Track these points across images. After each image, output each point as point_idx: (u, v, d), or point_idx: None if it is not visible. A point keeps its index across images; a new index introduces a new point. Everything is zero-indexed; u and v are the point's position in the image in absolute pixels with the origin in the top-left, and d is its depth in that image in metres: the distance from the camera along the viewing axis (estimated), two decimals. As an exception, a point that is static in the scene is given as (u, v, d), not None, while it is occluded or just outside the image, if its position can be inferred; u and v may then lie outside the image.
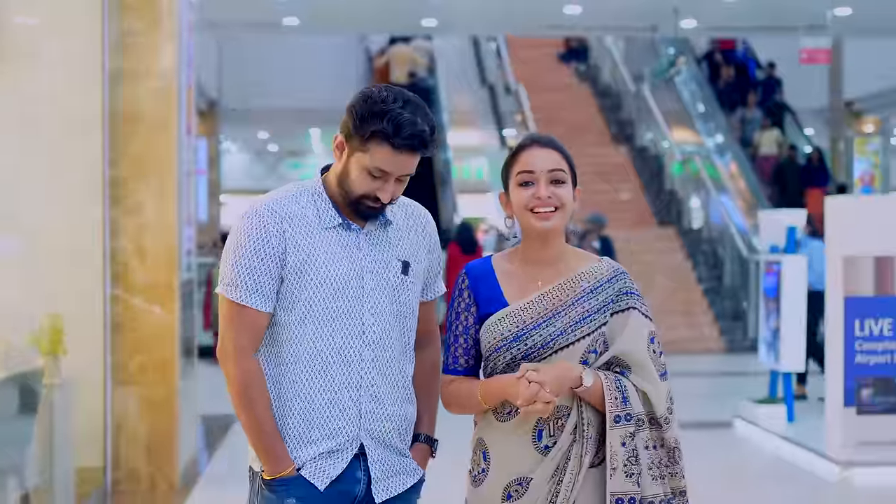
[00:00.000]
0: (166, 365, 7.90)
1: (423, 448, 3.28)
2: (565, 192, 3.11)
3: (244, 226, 3.08)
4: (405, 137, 3.00)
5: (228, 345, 3.09)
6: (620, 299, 3.13)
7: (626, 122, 23.35)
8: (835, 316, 8.50)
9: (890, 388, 8.39)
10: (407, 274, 3.17)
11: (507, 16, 16.73)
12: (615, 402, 3.03)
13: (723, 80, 23.08)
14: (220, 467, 8.86)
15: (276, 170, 35.80)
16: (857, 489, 8.22)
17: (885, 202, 9.23)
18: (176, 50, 8.00)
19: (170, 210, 7.92)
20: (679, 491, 3.12)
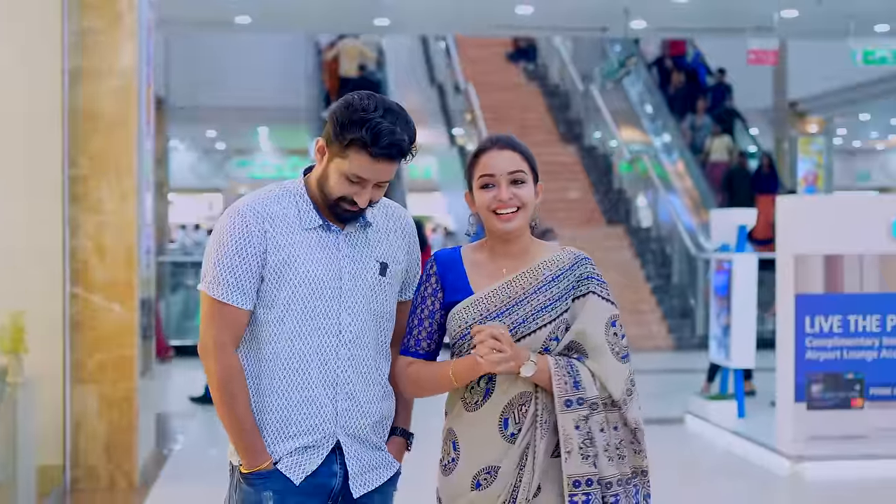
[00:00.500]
0: (126, 363, 7.91)
1: (399, 441, 3.37)
2: (526, 191, 3.21)
3: (227, 225, 3.16)
4: (383, 147, 3.07)
5: (209, 341, 3.16)
6: (581, 285, 3.24)
7: (574, 122, 23.51)
8: (785, 313, 8.66)
9: (839, 384, 8.56)
10: (385, 275, 3.25)
11: (459, 15, 16.81)
12: (564, 388, 3.12)
13: (673, 85, 23.14)
14: (179, 465, 8.87)
15: (224, 168, 35.68)
16: (807, 483, 8.38)
17: (834, 202, 9.41)
18: (136, 48, 8.01)
19: (129, 208, 7.93)
20: (641, 470, 3.22)
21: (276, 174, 35.49)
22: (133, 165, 7.95)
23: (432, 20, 17.45)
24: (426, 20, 17.47)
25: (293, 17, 16.92)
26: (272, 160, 35.64)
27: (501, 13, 16.31)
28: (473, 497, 3.18)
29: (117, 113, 7.93)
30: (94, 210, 7.87)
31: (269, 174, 35.50)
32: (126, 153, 7.95)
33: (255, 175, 35.46)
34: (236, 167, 35.67)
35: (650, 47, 24.00)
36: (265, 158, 35.68)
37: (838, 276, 8.58)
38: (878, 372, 8.58)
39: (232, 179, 35.44)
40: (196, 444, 9.91)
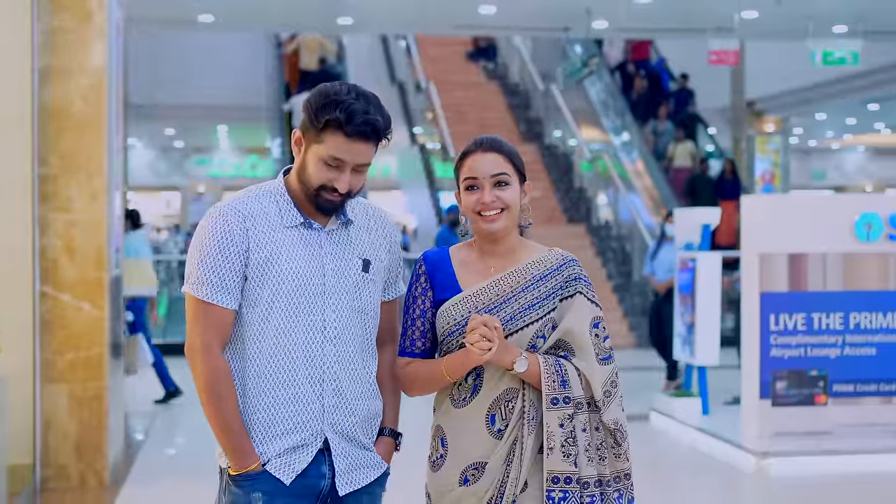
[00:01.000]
0: (96, 362, 7.90)
1: (388, 442, 3.37)
2: (509, 193, 3.26)
3: (209, 226, 3.18)
4: (357, 125, 3.09)
5: (196, 342, 3.17)
6: (569, 285, 3.29)
7: (534, 121, 23.59)
8: (751, 311, 8.77)
9: (804, 381, 8.69)
10: (368, 272, 3.27)
11: (422, 15, 16.82)
12: (552, 385, 3.18)
13: (636, 91, 23.09)
14: (148, 464, 8.87)
15: (182, 167, 35.52)
16: (772, 479, 8.49)
17: (798, 201, 9.54)
18: (105, 47, 8.00)
19: (99, 207, 7.92)
20: (623, 473, 3.26)
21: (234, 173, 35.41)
22: (103, 164, 7.94)
23: (395, 19, 17.45)
24: (389, 19, 17.47)
25: (257, 16, 16.88)
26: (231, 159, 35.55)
27: (464, 13, 16.35)
28: (461, 492, 3.23)
29: (87, 112, 7.92)
30: (64, 209, 7.85)
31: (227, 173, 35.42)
32: (96, 152, 7.93)
33: (214, 173, 35.37)
34: (195, 165, 35.53)
35: (613, 51, 23.90)
36: (224, 157, 35.58)
37: (802, 275, 8.71)
38: (841, 369, 8.71)
39: (191, 178, 35.31)
40: (164, 443, 9.92)
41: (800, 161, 36.37)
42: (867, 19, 16.77)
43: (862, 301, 8.74)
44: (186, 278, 3.20)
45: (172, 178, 35.44)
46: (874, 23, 17.09)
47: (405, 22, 17.71)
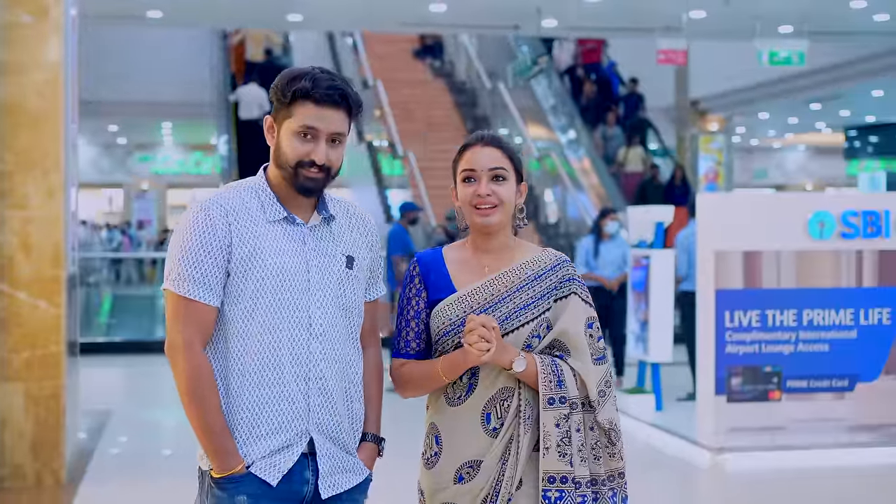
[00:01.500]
0: (52, 360, 7.82)
1: (371, 447, 3.31)
2: (506, 189, 3.27)
3: (190, 221, 3.11)
4: (324, 90, 3.08)
5: (177, 339, 3.08)
6: (563, 286, 3.30)
7: (481, 119, 23.61)
8: (706, 308, 8.85)
9: (758, 377, 8.78)
10: (352, 268, 3.22)
11: (372, 12, 16.82)
12: (549, 385, 3.18)
13: (586, 95, 22.96)
14: (104, 462, 8.80)
15: (125, 163, 35.28)
16: (728, 474, 8.58)
17: (753, 200, 9.64)
18: (62, 42, 7.93)
19: (56, 204, 7.85)
20: (618, 472, 3.27)
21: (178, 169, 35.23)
22: (60, 161, 7.87)
23: (345, 16, 17.44)
24: (339, 16, 17.46)
25: (205, 12, 16.81)
26: (175, 155, 35.34)
27: (415, 10, 16.38)
28: (456, 490, 3.23)
29: (43, 108, 7.85)
30: (20, 206, 7.77)
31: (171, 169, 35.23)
32: (53, 148, 7.86)
33: (158, 170, 35.18)
34: (138, 162, 35.30)
35: (563, 55, 23.77)
36: (168, 154, 35.37)
37: (757, 272, 8.80)
38: (794, 365, 8.81)
39: (134, 175, 35.06)
40: (119, 441, 9.84)
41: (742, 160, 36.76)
42: (812, 20, 16.99)
43: (815, 298, 8.85)
44: (166, 275, 3.13)
45: (115, 175, 35.20)
46: (818, 23, 17.33)
47: (355, 19, 17.72)
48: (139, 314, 18.90)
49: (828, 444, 8.84)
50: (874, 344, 8.90)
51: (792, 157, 39.39)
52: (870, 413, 8.92)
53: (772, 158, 39.24)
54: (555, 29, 18.07)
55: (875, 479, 8.43)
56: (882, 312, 8.92)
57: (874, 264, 8.92)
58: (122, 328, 18.47)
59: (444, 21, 17.51)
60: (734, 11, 16.06)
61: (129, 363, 15.38)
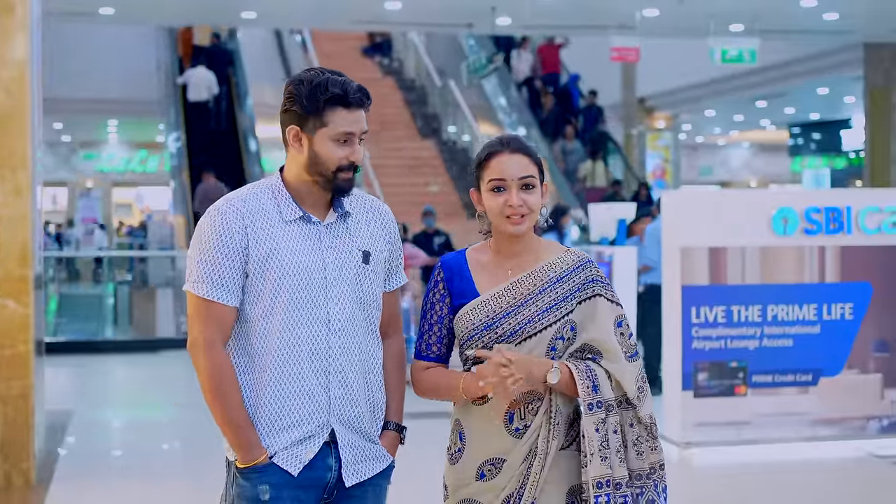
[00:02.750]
0: (21, 360, 7.75)
1: (392, 435, 3.40)
2: (535, 198, 3.27)
3: (208, 224, 3.22)
4: (354, 93, 3.20)
5: (198, 338, 3.19)
6: (587, 288, 3.31)
7: (431, 116, 23.65)
8: (672, 304, 8.92)
9: (724, 372, 8.86)
10: (368, 263, 3.30)
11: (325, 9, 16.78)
12: (587, 391, 3.21)
13: (545, 108, 22.74)
14: (73, 462, 8.73)
15: (70, 161, 34.94)
16: (696, 468, 8.65)
17: (718, 197, 9.73)
18: (27, 40, 7.85)
19: (24, 203, 7.77)
20: (659, 464, 3.34)
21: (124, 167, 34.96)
22: (27, 159, 7.79)
23: (298, 13, 17.39)
24: (292, 13, 17.41)
25: (157, 9, 16.70)
26: (120, 153, 35.05)
27: (370, 8, 16.37)
28: (478, 487, 3.27)
29: (10, 105, 7.77)
30: (-13, 205, 7.69)
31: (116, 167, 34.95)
32: (20, 146, 7.78)
33: (103, 168, 34.87)
34: (83, 160, 34.96)
35: (521, 65, 23.37)
36: (112, 151, 35.07)
37: (722, 268, 8.88)
38: (759, 360, 8.90)
39: (78, 172, 34.73)
40: (87, 441, 9.76)
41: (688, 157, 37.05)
42: (763, 18, 17.17)
43: (779, 294, 8.95)
44: (187, 277, 3.24)
45: (59, 174, 34.83)
46: (769, 22, 17.52)
47: (307, 16, 17.69)
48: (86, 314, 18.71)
49: (792, 438, 8.95)
50: (837, 339, 9.01)
51: (737, 154, 39.75)
52: (833, 407, 9.04)
53: (717, 155, 39.59)
54: (509, 27, 18.12)
55: (839, 473, 8.54)
56: (844, 307, 9.03)
57: (837, 260, 9.04)
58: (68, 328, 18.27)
59: (399, 19, 17.52)
60: (687, 10, 16.20)
61: (79, 363, 15.23)
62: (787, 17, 17.34)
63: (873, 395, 9.12)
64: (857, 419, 9.12)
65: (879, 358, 9.13)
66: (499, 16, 16.72)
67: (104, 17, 16.29)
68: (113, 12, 16.14)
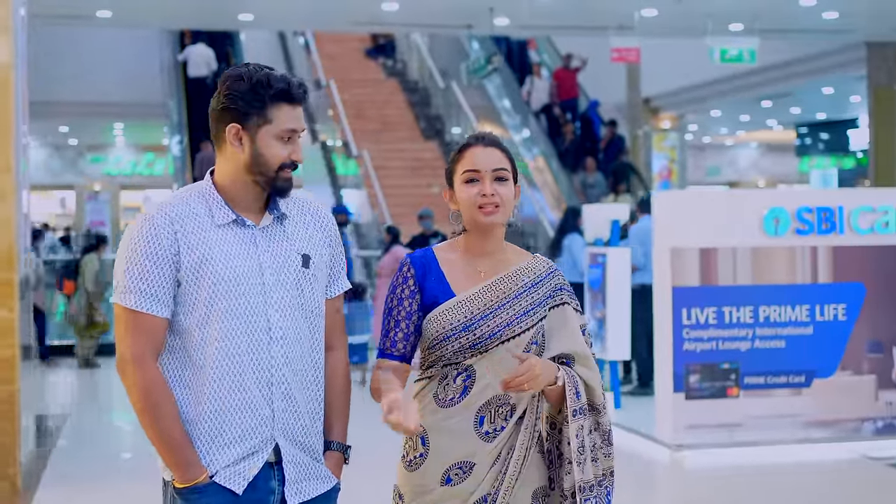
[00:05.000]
0: (6, 364, 7.72)
1: (336, 455, 3.26)
2: (507, 189, 3.27)
3: (136, 232, 3.06)
4: (297, 88, 3.10)
5: (126, 353, 3.03)
6: (556, 295, 3.32)
7: (434, 118, 23.60)
8: (663, 305, 8.86)
9: (716, 374, 8.80)
10: (308, 267, 3.16)
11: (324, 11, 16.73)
12: (573, 398, 3.21)
13: (566, 138, 21.51)
14: (60, 467, 8.69)
15: (76, 165, 34.95)
16: (687, 470, 8.60)
17: (709, 197, 9.67)
18: (10, 43, 7.82)
19: (8, 207, 7.75)
20: (610, 471, 3.33)
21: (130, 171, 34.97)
22: (11, 163, 7.76)
23: (296, 15, 17.35)
24: (290, 15, 17.36)
25: (155, 12, 16.67)
26: (127, 156, 35.06)
27: (367, 9, 16.32)
28: (443, 492, 3.21)
29: (-6, 109, 7.74)
30: (-29, 209, 7.67)
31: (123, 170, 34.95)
32: (3, 150, 7.75)
33: (110, 171, 34.86)
34: (90, 163, 34.97)
35: (538, 93, 22.17)
36: (119, 154, 35.07)
37: (713, 269, 8.82)
38: (751, 361, 8.84)
39: (86, 176, 34.74)
40: (75, 446, 9.73)
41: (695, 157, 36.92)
42: (763, 18, 17.08)
43: (771, 294, 8.88)
44: (115, 288, 3.07)
45: (66, 177, 34.83)
46: (769, 21, 17.42)
47: (306, 18, 17.63)
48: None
49: (785, 440, 8.89)
50: (830, 340, 8.95)
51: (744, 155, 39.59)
52: (826, 409, 8.97)
53: (724, 156, 39.43)
54: (507, 27, 18.06)
55: (833, 475, 8.48)
56: (837, 308, 8.97)
57: (829, 260, 8.97)
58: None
59: (397, 20, 17.46)
60: (686, 10, 16.12)
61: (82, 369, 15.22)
62: (787, 16, 17.23)
63: (867, 397, 9.06)
64: (851, 421, 9.05)
65: (873, 359, 9.07)
66: (497, 16, 16.65)
67: (101, 20, 16.27)
68: (110, 15, 16.11)
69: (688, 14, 16.51)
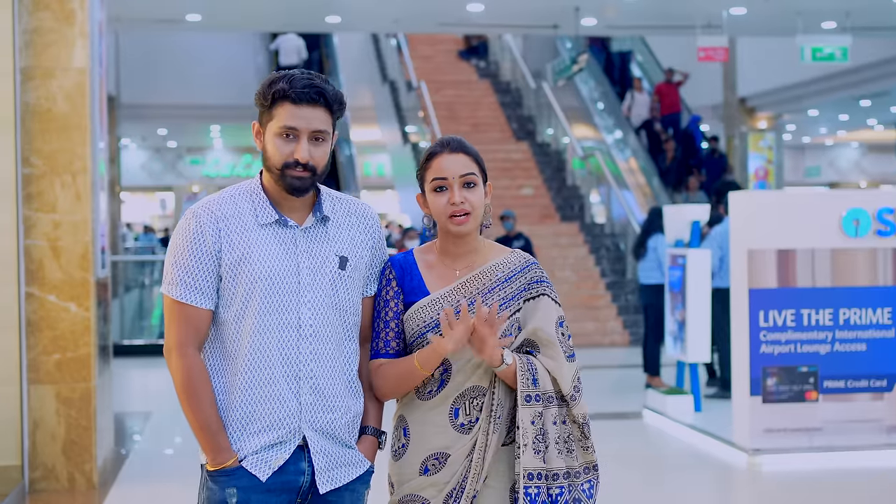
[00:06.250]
0: (83, 363, 7.86)
1: (370, 440, 3.40)
2: (476, 196, 3.33)
3: (182, 227, 3.26)
4: (300, 89, 3.18)
5: (171, 340, 3.24)
6: (532, 288, 3.39)
7: (526, 119, 23.57)
8: (740, 308, 8.74)
9: (794, 377, 8.65)
10: (344, 269, 3.30)
11: (409, 13, 16.81)
12: (526, 383, 3.27)
13: (668, 156, 20.98)
14: (137, 465, 8.83)
15: (176, 167, 35.49)
16: (765, 476, 8.46)
17: (786, 197, 9.49)
18: (88, 47, 7.96)
19: (85, 207, 7.88)
20: (592, 465, 3.37)
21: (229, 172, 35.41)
22: (88, 165, 7.90)
23: (382, 17, 17.44)
24: (376, 17, 17.47)
25: (243, 15, 16.86)
26: (225, 158, 35.52)
27: (452, 11, 16.34)
28: (421, 482, 3.31)
29: (70, 112, 7.88)
30: (49, 210, 7.81)
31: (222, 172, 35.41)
32: (80, 152, 7.89)
33: (209, 173, 35.35)
34: (188, 165, 35.50)
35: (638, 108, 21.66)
36: (218, 156, 35.55)
37: (791, 271, 8.67)
38: (831, 365, 8.67)
39: (185, 177, 35.27)
40: (154, 444, 9.87)
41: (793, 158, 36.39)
42: (855, 15, 16.77)
43: (851, 297, 8.71)
44: (164, 279, 3.28)
45: (166, 179, 35.42)
46: (863, 19, 17.09)
47: (392, 20, 17.71)
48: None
49: (865, 446, 8.70)
50: (912, 343, 8.75)
51: (845, 155, 38.92)
52: (908, 413, 8.77)
53: (824, 156, 38.80)
54: (594, 28, 17.95)
55: (914, 481, 8.30)
56: (920, 311, 8.76)
57: (912, 262, 8.77)
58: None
59: (482, 21, 17.45)
60: (776, 7, 15.89)
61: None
62: (880, 13, 16.89)
63: (952, 402, 8.83)
64: (935, 426, 8.85)
65: (958, 363, 8.83)
66: (584, 17, 16.56)
67: (190, 23, 16.49)
68: (199, 19, 16.33)
69: (778, 12, 16.27)
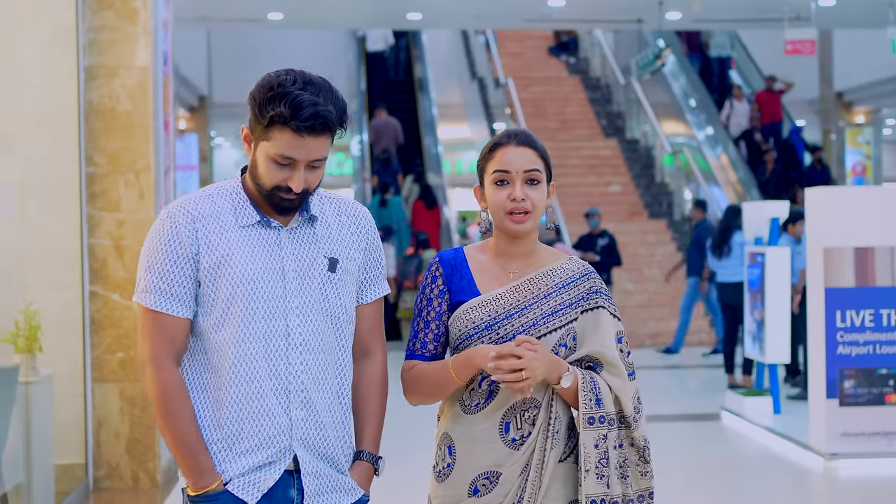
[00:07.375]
0: (143, 363, 7.85)
1: (365, 466, 3.09)
2: (539, 194, 3.10)
3: (156, 229, 2.96)
4: (305, 119, 2.82)
5: (145, 353, 2.93)
6: (590, 298, 3.15)
7: (615, 115, 23.32)
8: (816, 307, 8.48)
9: (872, 380, 8.37)
10: (334, 271, 3.00)
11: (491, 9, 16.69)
12: (589, 404, 3.04)
13: (768, 168, 20.01)
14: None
15: (267, 166, 35.77)
16: (842, 480, 8.21)
17: (864, 194, 9.22)
18: (151, 45, 7.96)
19: (148, 206, 7.88)
20: (648, 492, 3.12)
21: (322, 170, 35.65)
22: (151, 163, 7.90)
23: (464, 14, 17.33)
24: (458, 14, 17.36)
25: (325, 13, 16.87)
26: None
27: (534, 6, 16.19)
28: (471, 503, 3.08)
29: (134, 111, 7.88)
30: (113, 208, 7.83)
31: (312, 170, 35.64)
32: (144, 150, 7.89)
33: (301, 171, 35.63)
34: (281, 164, 35.76)
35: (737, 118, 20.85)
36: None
37: (869, 269, 8.39)
38: (912, 367, 8.38)
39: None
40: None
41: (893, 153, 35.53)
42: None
43: (933, 296, 8.40)
44: (136, 286, 2.96)
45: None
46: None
47: (474, 16, 17.61)
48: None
49: (948, 451, 8.40)
50: None
51: (949, 150, 37.95)
52: None
53: (926, 152, 37.87)
54: (679, 22, 17.66)
55: None
56: None
57: None
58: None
59: (563, 16, 17.26)
60: (863, -1, 15.51)
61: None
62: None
63: None
64: None
65: None
66: (668, 10, 16.30)
67: (272, 22, 16.54)
68: (281, 17, 16.37)
69: (868, 3, 15.84)
